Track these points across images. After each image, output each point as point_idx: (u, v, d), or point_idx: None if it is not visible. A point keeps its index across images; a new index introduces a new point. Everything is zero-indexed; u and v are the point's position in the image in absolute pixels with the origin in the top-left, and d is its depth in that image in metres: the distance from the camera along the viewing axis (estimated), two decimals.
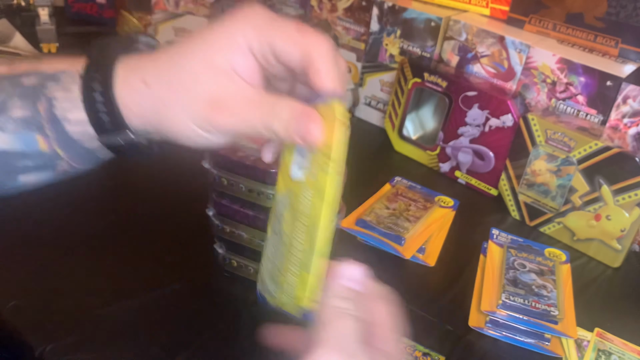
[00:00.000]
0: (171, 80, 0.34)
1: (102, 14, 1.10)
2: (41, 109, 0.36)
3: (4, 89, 0.36)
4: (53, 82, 0.36)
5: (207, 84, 0.34)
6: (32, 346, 0.45)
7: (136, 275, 0.53)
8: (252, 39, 0.34)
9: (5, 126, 0.36)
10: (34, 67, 0.37)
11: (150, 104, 0.35)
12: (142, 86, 0.35)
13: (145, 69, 0.35)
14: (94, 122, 0.35)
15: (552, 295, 0.55)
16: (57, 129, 0.36)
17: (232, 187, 0.50)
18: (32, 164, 0.37)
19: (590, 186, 0.64)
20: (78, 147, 0.37)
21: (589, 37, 0.72)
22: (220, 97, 0.34)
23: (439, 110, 0.81)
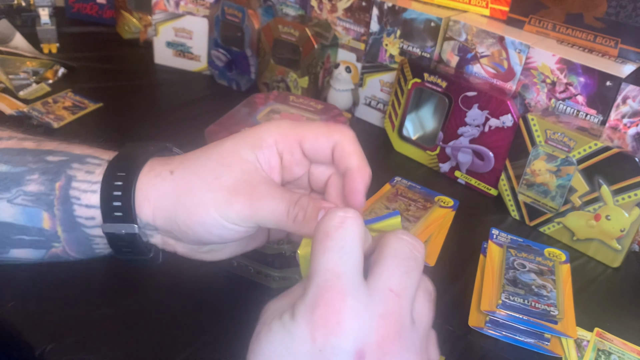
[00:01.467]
0: (197, 169, 0.35)
1: (102, 14, 1.10)
2: (57, 187, 0.36)
3: (26, 163, 0.36)
4: (79, 162, 0.37)
5: (233, 171, 0.35)
6: (32, 346, 0.45)
7: (136, 275, 0.53)
8: (280, 139, 0.36)
9: (14, 199, 0.36)
10: (63, 147, 0.38)
11: (173, 191, 0.35)
12: (168, 175, 0.36)
13: (173, 162, 0.37)
14: (105, 209, 0.36)
15: (552, 295, 0.55)
16: (66, 209, 0.36)
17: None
18: (28, 240, 0.37)
19: (589, 186, 0.64)
20: (79, 231, 0.37)
21: (589, 38, 0.72)
22: (244, 183, 0.35)
23: (438, 110, 0.81)
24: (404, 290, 0.29)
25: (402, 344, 0.28)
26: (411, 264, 0.30)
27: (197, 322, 0.49)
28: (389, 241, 0.30)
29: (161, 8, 0.93)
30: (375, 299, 0.28)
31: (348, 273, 0.28)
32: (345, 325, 0.27)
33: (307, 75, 0.85)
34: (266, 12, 0.90)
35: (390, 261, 0.29)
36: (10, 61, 0.88)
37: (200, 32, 0.94)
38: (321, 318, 0.27)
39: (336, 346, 0.27)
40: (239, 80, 0.93)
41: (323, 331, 0.27)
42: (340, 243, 0.29)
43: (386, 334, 0.27)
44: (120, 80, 0.92)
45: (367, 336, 0.27)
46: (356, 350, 0.27)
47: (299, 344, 0.27)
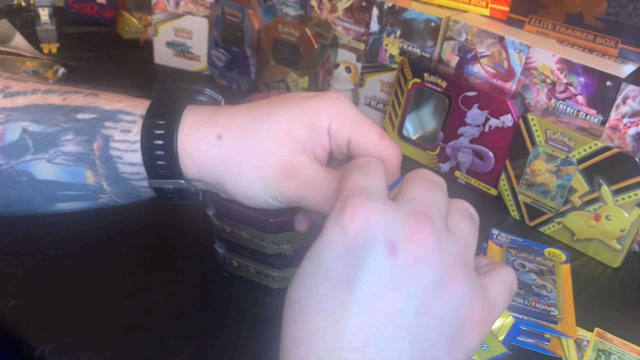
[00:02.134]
0: (247, 141, 0.34)
1: (102, 14, 1.10)
2: (96, 148, 0.35)
3: (57, 122, 0.35)
4: (111, 121, 0.35)
5: (284, 151, 0.34)
6: (32, 346, 0.45)
7: (136, 275, 0.53)
8: (334, 125, 0.35)
9: (54, 159, 0.35)
10: (91, 101, 0.36)
11: (221, 159, 0.35)
12: (215, 140, 0.35)
13: (220, 124, 0.35)
14: (149, 168, 0.35)
15: (552, 295, 0.55)
16: (109, 167, 0.36)
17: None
18: (74, 194, 0.37)
19: (590, 186, 0.64)
20: (126, 184, 0.36)
21: (589, 37, 0.72)
22: (293, 166, 0.34)
23: (438, 110, 0.81)
24: (431, 201, 0.28)
25: (436, 241, 0.26)
26: (432, 184, 0.29)
27: (197, 322, 0.49)
28: (409, 174, 0.30)
29: (161, 8, 0.93)
30: (403, 204, 0.28)
31: (374, 188, 0.28)
32: (374, 221, 0.26)
33: (307, 75, 0.85)
34: (266, 12, 0.90)
35: (410, 182, 0.29)
36: (10, 61, 0.88)
37: (200, 32, 0.94)
38: (348, 218, 0.26)
39: (366, 241, 0.26)
40: (239, 80, 0.93)
41: (351, 230, 0.26)
42: (365, 170, 0.29)
43: (416, 228, 0.26)
44: (120, 80, 0.92)
45: (398, 230, 0.26)
46: (387, 242, 0.26)
47: (327, 251, 0.26)
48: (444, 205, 0.29)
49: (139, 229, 0.59)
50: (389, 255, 0.26)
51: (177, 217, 0.60)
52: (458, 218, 0.29)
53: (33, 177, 0.36)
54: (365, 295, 0.25)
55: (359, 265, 0.26)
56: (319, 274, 0.26)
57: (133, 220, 0.60)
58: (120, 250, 0.56)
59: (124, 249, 0.57)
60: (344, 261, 0.26)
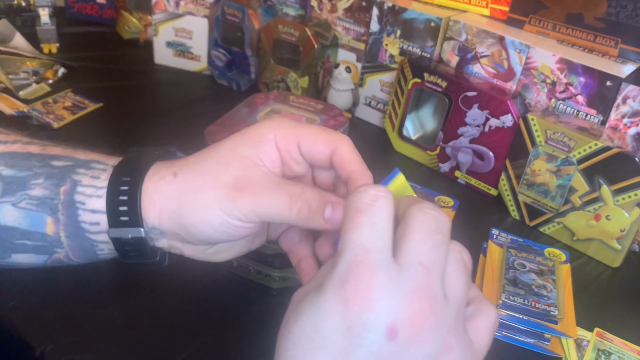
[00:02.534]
0: (198, 169, 0.36)
1: (102, 14, 1.10)
2: (62, 192, 0.36)
3: (32, 167, 0.36)
4: (84, 168, 0.37)
5: (233, 168, 0.35)
6: (32, 346, 0.45)
7: (136, 275, 0.53)
8: (280, 137, 0.36)
9: (19, 202, 0.36)
10: (68, 152, 0.38)
11: (177, 194, 0.36)
12: (171, 177, 0.36)
13: (177, 164, 0.37)
14: (111, 214, 0.36)
15: (552, 295, 0.55)
16: (70, 214, 0.36)
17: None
18: (31, 245, 0.37)
19: (590, 186, 0.64)
20: (83, 237, 0.37)
21: (589, 37, 0.72)
22: (245, 179, 0.35)
23: (438, 110, 0.81)
24: (433, 264, 0.28)
25: (435, 319, 0.27)
26: (438, 237, 0.28)
27: (197, 322, 0.49)
28: (414, 215, 0.29)
29: (161, 8, 0.93)
30: (406, 274, 0.27)
31: (379, 249, 0.27)
32: (376, 301, 0.26)
33: (307, 75, 0.85)
34: (266, 12, 0.90)
35: (417, 235, 0.28)
36: (10, 61, 0.88)
37: (200, 32, 0.94)
38: (351, 293, 0.26)
39: (367, 322, 0.26)
40: (239, 80, 0.93)
41: (353, 307, 0.26)
42: (373, 219, 0.28)
43: (419, 310, 0.26)
44: (120, 80, 0.92)
45: (399, 312, 0.26)
46: (387, 326, 0.26)
47: (327, 321, 0.27)
48: (444, 262, 0.29)
49: None
50: (388, 338, 0.26)
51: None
52: (455, 276, 0.29)
53: None
54: None
55: (358, 344, 0.26)
56: (316, 340, 0.27)
57: None
58: None
59: None
60: (343, 336, 0.26)
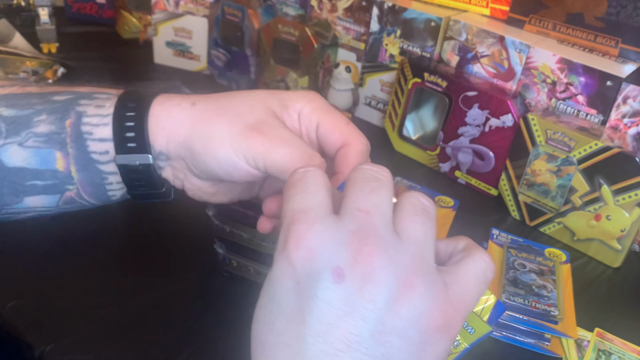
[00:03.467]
0: (222, 103, 0.36)
1: (101, 14, 1.10)
2: (68, 125, 0.36)
3: (32, 105, 0.36)
4: (87, 99, 0.36)
5: (257, 112, 0.35)
6: (32, 346, 0.45)
7: (136, 275, 0.53)
8: (306, 110, 0.37)
9: (25, 142, 0.35)
10: (68, 88, 0.38)
11: (192, 121, 0.35)
12: (189, 105, 0.36)
13: (196, 96, 0.37)
14: (118, 140, 0.35)
15: (552, 295, 0.55)
16: (79, 146, 0.36)
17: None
18: (42, 185, 0.37)
19: (590, 186, 0.64)
20: (93, 169, 0.36)
21: (589, 37, 0.72)
22: (266, 124, 0.35)
23: (439, 110, 0.81)
24: (373, 207, 0.27)
25: (386, 257, 0.25)
26: (374, 184, 0.28)
27: (197, 322, 0.49)
28: (351, 175, 0.29)
29: (161, 8, 0.93)
30: (345, 220, 0.26)
31: (313, 207, 0.27)
32: (316, 249, 0.25)
33: (307, 75, 0.85)
34: (266, 11, 0.90)
35: (351, 187, 0.28)
36: (10, 61, 0.88)
37: (200, 32, 0.94)
38: (292, 250, 0.26)
39: (311, 272, 0.25)
40: (239, 80, 0.93)
41: (296, 262, 0.26)
42: (302, 188, 0.28)
43: (360, 247, 0.25)
44: (120, 80, 0.92)
45: (341, 253, 0.25)
46: (332, 269, 0.25)
47: (278, 286, 0.27)
48: (388, 207, 0.28)
49: (139, 229, 0.59)
50: (336, 282, 0.25)
51: (177, 217, 0.60)
52: (408, 218, 0.28)
53: (3, 166, 0.36)
54: (318, 325, 0.25)
55: (309, 296, 0.25)
56: (273, 309, 0.27)
57: (133, 220, 0.60)
58: (120, 250, 0.56)
59: (124, 249, 0.57)
60: (294, 294, 0.26)
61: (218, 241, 0.53)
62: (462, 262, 0.29)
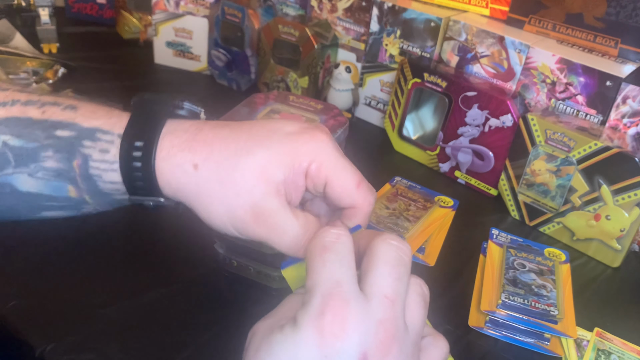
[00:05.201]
0: (222, 177, 0.35)
1: (102, 14, 1.10)
2: (76, 166, 0.36)
3: (37, 138, 0.36)
4: (89, 140, 0.36)
5: (256, 194, 0.35)
6: (32, 346, 0.45)
7: (136, 275, 0.53)
8: (313, 167, 0.35)
9: (35, 173, 0.36)
10: (69, 116, 0.36)
11: (195, 188, 0.35)
12: (191, 169, 0.35)
13: (198, 153, 0.35)
14: (129, 186, 0.36)
15: (552, 295, 0.55)
16: (90, 183, 0.36)
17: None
18: (58, 205, 0.37)
19: (589, 186, 0.64)
20: (108, 197, 0.38)
21: (589, 37, 0.72)
22: (263, 209, 0.35)
23: (438, 110, 0.81)
24: (397, 297, 0.30)
25: (398, 347, 0.29)
26: (401, 269, 0.31)
27: (197, 322, 0.49)
28: (378, 247, 0.31)
29: (161, 8, 0.93)
30: (373, 305, 0.29)
31: (348, 282, 0.29)
32: (350, 331, 0.28)
33: (307, 75, 0.85)
34: (266, 12, 0.90)
35: (382, 269, 0.30)
36: (11, 61, 0.88)
37: (200, 32, 0.94)
38: (327, 324, 0.28)
39: (341, 351, 0.28)
40: (239, 80, 0.93)
41: (329, 337, 0.28)
42: (339, 255, 0.30)
43: (385, 338, 0.29)
44: (120, 80, 0.92)
45: (369, 341, 0.28)
46: (360, 353, 0.28)
47: (304, 351, 0.28)
48: (405, 293, 0.31)
49: (139, 229, 0.59)
50: None
51: (177, 217, 0.59)
52: (415, 309, 0.32)
53: (16, 189, 0.36)
54: None
55: None
56: None
57: (134, 220, 0.60)
58: (121, 250, 0.57)
59: (124, 249, 0.57)
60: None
61: (218, 241, 0.53)
62: (432, 348, 0.33)
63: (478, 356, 0.51)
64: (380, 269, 0.30)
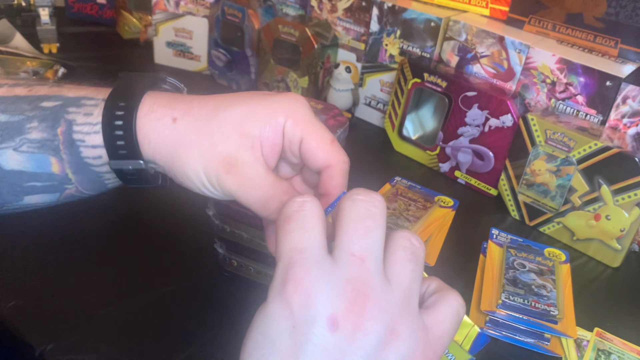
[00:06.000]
0: (199, 128, 0.35)
1: (102, 14, 1.10)
2: (60, 133, 0.36)
3: (23, 111, 0.36)
4: (74, 106, 0.37)
5: (230, 144, 0.35)
6: (32, 346, 0.45)
7: (136, 275, 0.53)
8: (289, 124, 0.36)
9: (20, 147, 0.36)
10: (55, 91, 0.38)
11: (173, 142, 0.36)
12: (170, 122, 0.36)
13: (177, 109, 0.36)
14: (110, 148, 0.36)
15: (552, 295, 0.55)
16: (73, 152, 0.36)
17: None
18: (40, 185, 0.37)
19: (589, 186, 0.64)
20: (89, 171, 0.37)
21: (589, 38, 0.72)
22: (235, 160, 0.35)
23: (438, 110, 0.81)
24: (367, 252, 0.28)
25: (374, 305, 0.27)
26: (368, 223, 0.29)
27: (197, 322, 0.49)
28: (343, 206, 0.30)
29: (161, 8, 0.93)
30: (339, 266, 0.28)
31: (310, 248, 0.28)
32: (314, 296, 0.27)
33: (307, 75, 0.85)
34: (266, 12, 0.90)
35: (346, 226, 0.29)
36: (11, 61, 0.88)
37: (200, 32, 0.94)
38: (290, 293, 0.27)
39: (308, 318, 0.27)
40: (239, 80, 0.93)
41: (294, 306, 0.27)
42: (301, 223, 0.29)
43: (354, 298, 0.27)
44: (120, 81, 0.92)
45: (337, 303, 0.27)
46: (328, 317, 0.27)
47: (273, 324, 0.27)
48: (380, 248, 0.29)
49: (139, 229, 0.59)
50: (330, 330, 0.27)
51: (177, 217, 0.60)
52: (400, 264, 0.29)
53: (1, 168, 0.37)
54: None
55: (304, 341, 0.27)
56: (267, 346, 0.27)
57: (133, 220, 0.60)
58: (120, 250, 0.57)
59: (124, 249, 0.57)
60: (289, 336, 0.27)
61: (218, 241, 0.53)
62: (439, 304, 0.31)
63: (478, 356, 0.51)
64: (345, 227, 0.29)
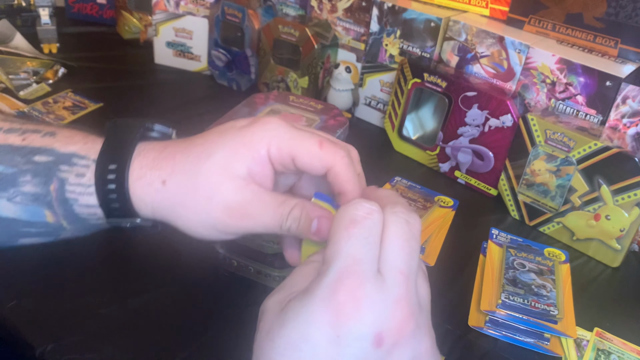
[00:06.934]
0: (190, 186, 0.35)
1: (102, 14, 1.10)
2: (52, 190, 0.37)
3: (16, 164, 0.37)
4: (66, 164, 0.37)
5: (225, 191, 0.35)
6: (32, 346, 0.45)
7: (136, 275, 0.53)
8: (273, 150, 0.35)
9: (14, 198, 0.37)
10: (47, 142, 0.38)
11: (168, 202, 0.36)
12: (160, 186, 0.36)
13: (163, 169, 0.36)
14: (105, 209, 0.37)
15: (552, 295, 0.55)
16: (66, 208, 0.37)
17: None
18: (36, 231, 0.38)
19: (589, 186, 0.64)
20: (85, 222, 0.38)
21: (589, 38, 0.72)
22: (236, 203, 0.35)
23: (438, 110, 0.81)
24: (410, 272, 0.30)
25: (415, 326, 0.29)
26: (413, 244, 0.30)
27: (197, 322, 0.49)
28: (390, 221, 0.30)
29: (161, 8, 0.93)
30: (389, 284, 0.29)
31: (367, 261, 0.29)
32: (365, 312, 0.27)
33: (307, 75, 0.85)
34: (266, 12, 0.90)
35: (396, 244, 0.30)
36: (11, 61, 0.88)
37: (200, 32, 0.94)
38: (341, 304, 0.27)
39: (355, 331, 0.27)
40: (239, 80, 0.93)
41: (343, 317, 0.27)
42: (366, 232, 0.29)
43: (402, 318, 0.28)
44: (120, 80, 0.92)
45: (385, 321, 0.28)
46: (375, 334, 0.27)
47: (316, 330, 0.27)
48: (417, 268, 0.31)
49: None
50: (374, 346, 0.28)
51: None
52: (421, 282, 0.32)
53: None
54: None
55: (347, 353, 0.27)
56: (305, 350, 0.28)
57: None
58: (120, 250, 0.56)
59: (124, 249, 0.57)
60: (331, 344, 0.27)
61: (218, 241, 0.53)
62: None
63: (478, 356, 0.51)
64: (394, 244, 0.30)
